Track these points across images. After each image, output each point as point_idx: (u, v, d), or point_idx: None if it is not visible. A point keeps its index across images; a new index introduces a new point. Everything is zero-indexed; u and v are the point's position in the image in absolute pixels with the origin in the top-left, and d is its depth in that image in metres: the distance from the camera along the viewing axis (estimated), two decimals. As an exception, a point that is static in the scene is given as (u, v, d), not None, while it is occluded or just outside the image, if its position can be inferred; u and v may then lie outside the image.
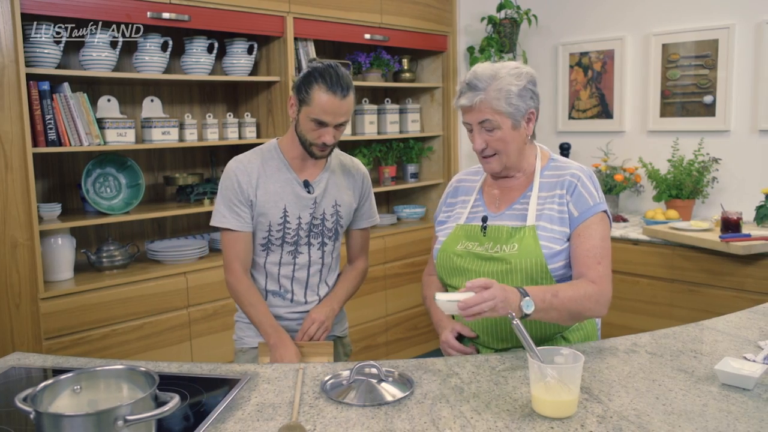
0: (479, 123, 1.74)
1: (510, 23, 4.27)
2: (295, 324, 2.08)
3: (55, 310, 2.77)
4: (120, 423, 1.09)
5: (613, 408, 1.35)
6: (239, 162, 2.02)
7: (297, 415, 1.35)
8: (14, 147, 2.68)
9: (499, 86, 1.71)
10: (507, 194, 1.85)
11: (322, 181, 2.06)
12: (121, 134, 3.07)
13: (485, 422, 1.30)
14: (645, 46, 4.01)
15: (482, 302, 1.48)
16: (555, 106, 4.47)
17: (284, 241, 2.02)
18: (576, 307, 1.63)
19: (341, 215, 2.09)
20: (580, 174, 1.78)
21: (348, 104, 1.91)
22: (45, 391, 1.18)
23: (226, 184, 2.00)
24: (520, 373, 1.56)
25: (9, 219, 2.68)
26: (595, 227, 1.73)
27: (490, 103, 1.71)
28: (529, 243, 1.72)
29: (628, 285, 3.45)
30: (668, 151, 3.86)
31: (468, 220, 1.87)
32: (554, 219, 1.74)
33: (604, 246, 1.73)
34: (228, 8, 3.25)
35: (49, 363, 1.75)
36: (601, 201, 1.76)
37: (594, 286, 1.67)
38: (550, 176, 1.81)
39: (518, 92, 1.72)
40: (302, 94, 1.90)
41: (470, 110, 1.74)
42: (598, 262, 1.70)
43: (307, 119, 1.91)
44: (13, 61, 2.63)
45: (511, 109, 1.72)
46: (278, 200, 1.99)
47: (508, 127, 1.74)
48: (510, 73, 1.73)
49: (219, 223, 1.99)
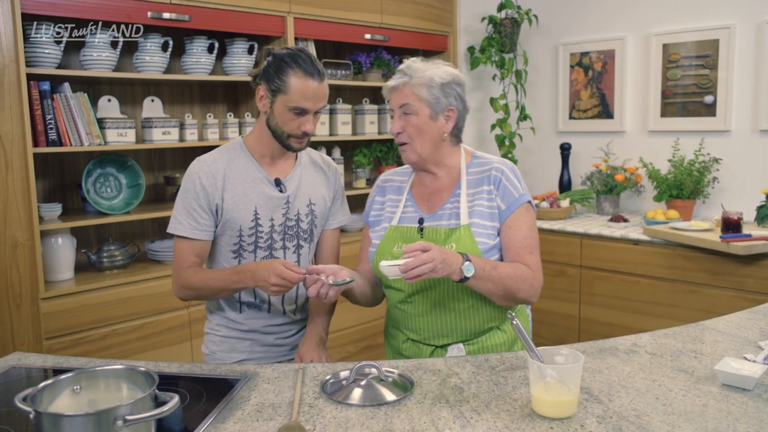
0: (400, 107, 1.79)
1: (510, 23, 4.27)
2: (273, 339, 1.96)
3: (55, 310, 2.77)
4: (119, 423, 1.09)
5: (613, 408, 1.35)
6: (202, 163, 1.87)
7: (297, 415, 1.35)
8: (15, 147, 2.68)
9: (423, 75, 1.76)
10: (436, 195, 1.88)
11: (294, 178, 1.94)
12: (122, 134, 3.07)
13: (485, 422, 1.30)
14: (646, 46, 4.00)
15: (422, 264, 1.54)
16: (555, 106, 4.46)
17: (257, 246, 1.89)
18: (512, 284, 1.69)
19: (316, 215, 1.99)
20: (503, 168, 1.82)
21: (324, 89, 1.84)
22: (45, 391, 1.18)
23: (187, 186, 1.85)
24: (519, 373, 1.56)
25: (9, 219, 2.69)
26: (523, 218, 1.80)
27: (413, 87, 1.76)
28: (466, 242, 1.75)
29: (629, 285, 3.45)
30: (669, 151, 3.85)
31: (402, 221, 1.88)
32: (485, 215, 1.79)
33: (532, 236, 1.80)
34: (228, 8, 3.25)
35: (49, 363, 1.75)
36: (524, 192, 1.82)
37: (530, 271, 1.74)
38: (475, 173, 1.85)
39: (441, 84, 1.77)
40: (276, 83, 1.79)
41: (394, 92, 1.80)
42: (530, 252, 1.77)
43: (285, 109, 1.80)
44: (13, 60, 2.63)
45: (430, 98, 1.76)
46: (248, 202, 1.86)
47: (426, 116, 1.78)
48: (439, 68, 1.80)
49: (174, 230, 1.85)
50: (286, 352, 2.01)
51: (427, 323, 1.83)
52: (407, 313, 1.86)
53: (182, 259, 1.86)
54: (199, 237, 1.85)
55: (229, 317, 1.95)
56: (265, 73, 1.82)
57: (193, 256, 1.87)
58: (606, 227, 3.61)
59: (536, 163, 4.58)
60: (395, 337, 1.94)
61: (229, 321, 1.95)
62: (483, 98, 4.63)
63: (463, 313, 1.81)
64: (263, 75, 1.82)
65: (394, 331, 1.96)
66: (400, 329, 1.92)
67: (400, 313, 1.88)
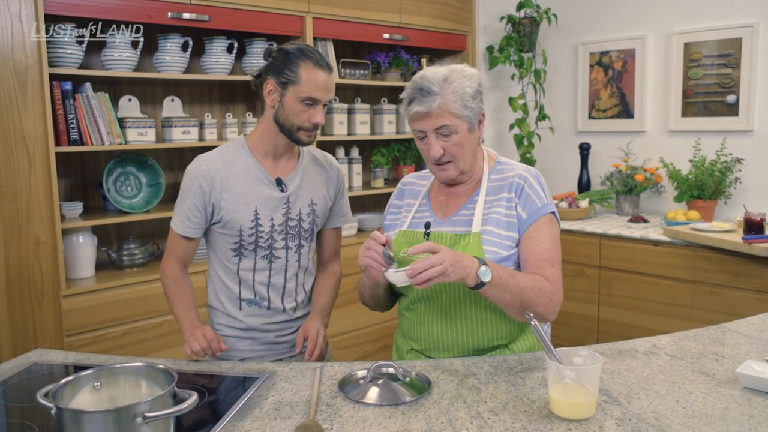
0: (435, 129, 1.65)
1: (529, 22, 4.25)
2: (273, 336, 1.96)
3: (76, 307, 2.80)
4: (139, 419, 1.10)
5: (632, 410, 1.34)
6: (201, 163, 1.88)
7: (314, 413, 1.36)
8: (37, 146, 2.71)
9: (454, 88, 1.63)
10: (454, 200, 1.79)
11: (295, 178, 1.93)
12: (142, 134, 3.10)
13: (502, 423, 1.30)
14: (666, 45, 3.96)
15: (430, 267, 1.43)
16: (575, 105, 4.44)
17: (257, 245, 1.89)
18: (530, 296, 1.56)
19: (317, 214, 1.98)
20: (526, 175, 1.72)
21: (333, 80, 1.84)
22: (66, 387, 1.19)
23: (185, 185, 1.88)
24: (537, 374, 1.55)
25: (32, 217, 2.72)
26: (545, 229, 1.68)
27: (447, 106, 1.63)
28: (473, 251, 1.64)
29: (649, 286, 3.42)
30: (690, 151, 3.81)
31: (411, 226, 1.80)
32: (501, 223, 1.68)
33: (555, 249, 1.68)
34: (247, 8, 3.27)
35: (69, 360, 1.77)
36: (549, 202, 1.71)
37: (550, 285, 1.61)
38: (497, 179, 1.75)
39: (472, 94, 1.66)
40: (286, 75, 1.79)
41: (426, 117, 1.64)
42: (551, 265, 1.65)
43: (296, 100, 1.79)
44: (36, 61, 2.66)
45: (467, 112, 1.65)
46: (248, 202, 1.86)
47: (465, 131, 1.67)
48: (462, 75, 1.66)
49: (172, 224, 1.92)
50: (287, 349, 2.00)
51: (428, 333, 1.74)
52: (410, 320, 1.79)
53: (171, 250, 1.94)
54: (189, 235, 1.90)
55: (230, 314, 1.95)
56: (272, 67, 1.82)
57: (182, 250, 1.94)
58: (626, 228, 3.58)
59: (555, 163, 4.56)
60: (400, 346, 1.86)
61: (229, 318, 1.96)
62: (501, 98, 4.61)
63: (468, 327, 1.71)
64: (270, 69, 1.82)
65: (400, 339, 1.89)
66: (404, 338, 1.85)
67: (404, 320, 1.82)
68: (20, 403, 1.50)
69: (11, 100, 2.64)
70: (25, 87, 2.66)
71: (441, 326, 1.72)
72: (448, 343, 1.72)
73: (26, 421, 1.39)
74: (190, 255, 1.96)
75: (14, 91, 2.64)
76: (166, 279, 1.95)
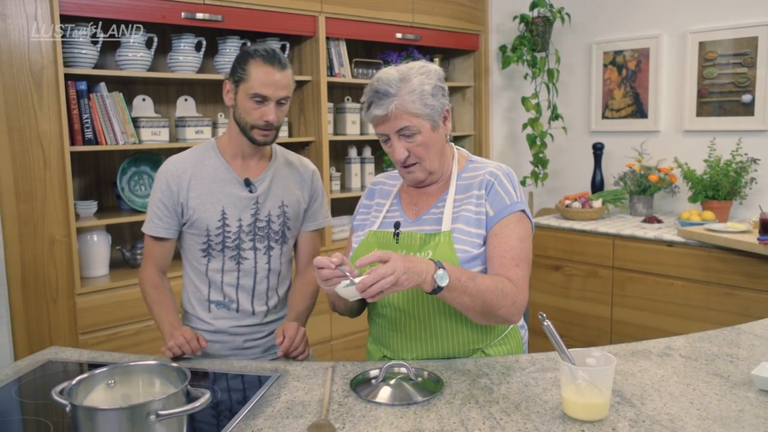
0: (397, 131, 1.60)
1: (543, 22, 4.23)
2: (241, 341, 1.93)
3: (90, 305, 2.82)
4: (152, 417, 1.11)
5: (645, 412, 1.33)
6: (170, 163, 1.91)
7: (326, 413, 1.36)
8: (53, 145, 2.73)
9: (411, 88, 1.58)
10: (425, 199, 1.74)
11: (265, 179, 1.93)
12: (156, 133, 3.12)
13: (515, 424, 1.29)
14: (681, 45, 3.93)
15: (380, 278, 1.33)
16: (588, 105, 4.41)
17: (225, 245, 1.88)
18: (492, 299, 1.49)
19: (288, 216, 1.96)
20: (497, 172, 1.67)
21: (287, 78, 1.82)
22: (80, 384, 1.20)
23: (156, 186, 1.90)
24: (550, 374, 1.54)
25: (47, 216, 2.74)
26: (513, 227, 1.62)
27: (406, 107, 1.57)
28: (444, 250, 1.60)
29: (662, 287, 3.40)
30: (704, 151, 3.78)
31: (381, 226, 1.75)
32: (471, 221, 1.63)
33: (522, 248, 1.61)
34: (261, 8, 3.28)
35: (84, 357, 1.79)
36: (519, 200, 1.65)
37: (513, 286, 1.54)
38: (467, 177, 1.71)
39: (431, 91, 1.61)
40: (238, 74, 1.81)
41: (385, 120, 1.59)
42: (516, 264, 1.58)
43: (246, 98, 1.80)
44: (52, 61, 2.69)
45: (427, 110, 1.60)
46: (215, 202, 1.87)
47: (428, 130, 1.62)
48: (419, 72, 1.61)
49: (143, 228, 1.94)
50: (258, 354, 1.98)
51: (400, 340, 1.68)
52: (380, 326, 1.73)
53: (147, 256, 1.96)
54: (162, 235, 1.91)
55: (199, 316, 1.95)
56: (231, 68, 1.85)
57: (156, 252, 1.94)
58: (639, 228, 3.56)
59: (568, 163, 4.54)
60: (372, 353, 1.79)
61: (199, 321, 1.95)
62: (514, 97, 4.60)
63: (443, 331, 1.65)
64: (230, 71, 1.85)
65: (371, 346, 1.81)
66: (376, 344, 1.78)
67: (375, 326, 1.77)
68: (35, 400, 1.52)
69: (27, 100, 2.66)
70: (40, 87, 2.68)
71: (414, 331, 1.66)
72: (422, 349, 1.67)
73: (41, 418, 1.41)
74: (167, 259, 1.97)
75: (30, 90, 2.66)
76: (146, 286, 1.95)
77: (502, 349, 1.72)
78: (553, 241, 3.85)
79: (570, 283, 3.79)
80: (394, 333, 1.69)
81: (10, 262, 2.67)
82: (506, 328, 1.73)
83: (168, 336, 1.77)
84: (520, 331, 1.78)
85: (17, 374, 1.64)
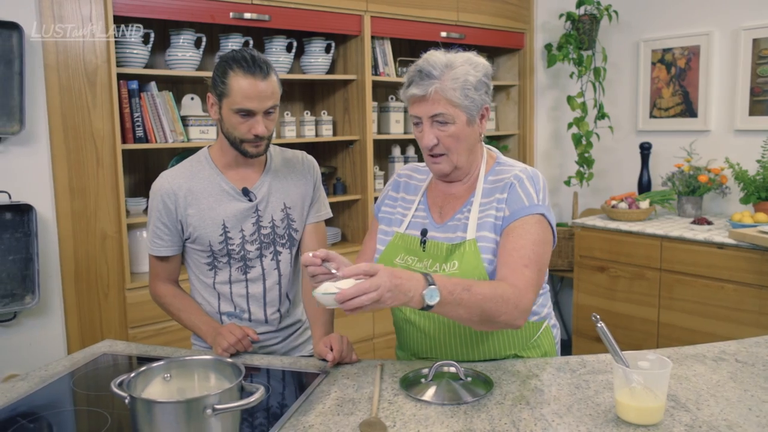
0: (431, 116, 1.54)
1: (589, 19, 4.17)
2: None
3: (139, 300, 2.88)
4: (209, 411, 1.12)
5: (702, 417, 1.30)
6: (164, 180, 1.82)
7: (377, 410, 1.36)
8: (105, 143, 2.80)
9: (455, 75, 1.51)
10: (451, 202, 1.67)
11: (263, 184, 1.85)
12: (204, 131, 3.16)
13: (567, 426, 1.28)
14: (734, 42, 3.84)
15: (361, 293, 1.24)
16: (635, 104, 4.33)
17: (230, 257, 1.83)
18: (490, 307, 1.39)
19: (293, 218, 1.89)
20: (522, 176, 1.60)
21: (271, 85, 1.70)
22: (138, 377, 1.23)
23: (151, 204, 1.84)
24: (601, 377, 1.52)
25: (99, 212, 2.81)
26: (528, 228, 1.53)
27: (446, 93, 1.51)
28: (470, 260, 1.55)
29: (713, 290, 3.32)
30: (757, 151, 3.68)
31: (409, 228, 1.69)
32: (493, 227, 1.57)
33: (535, 250, 1.51)
34: (307, 8, 3.30)
35: (138, 351, 1.83)
36: (540, 203, 1.56)
37: (513, 290, 1.44)
38: (493, 181, 1.63)
39: (475, 83, 1.53)
40: (219, 87, 1.70)
41: (422, 101, 1.53)
42: (525, 265, 1.48)
43: (231, 113, 1.70)
44: (105, 61, 2.75)
45: (467, 102, 1.53)
46: (215, 216, 1.80)
47: (463, 123, 1.55)
48: (467, 62, 1.55)
49: (148, 248, 1.88)
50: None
51: (430, 347, 1.64)
52: (407, 333, 1.69)
53: (154, 273, 1.91)
54: (165, 254, 1.85)
55: None
56: (212, 79, 1.74)
57: (163, 270, 1.89)
58: (688, 230, 3.48)
59: (614, 163, 4.46)
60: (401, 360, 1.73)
61: None
62: (559, 96, 4.54)
63: (472, 338, 1.60)
64: (211, 81, 1.75)
65: (400, 353, 1.78)
66: (404, 350, 1.74)
67: (402, 333, 1.72)
68: (93, 391, 1.56)
69: (81, 99, 2.73)
70: (94, 86, 2.75)
71: (444, 337, 1.62)
72: (455, 356, 1.63)
73: (99, 409, 1.44)
74: (175, 272, 1.92)
75: (84, 90, 2.73)
76: (163, 299, 1.91)
77: (537, 352, 1.70)
78: (599, 242, 3.80)
79: (616, 285, 3.73)
80: (424, 340, 1.65)
81: (64, 257, 2.75)
82: (538, 330, 1.69)
83: (212, 335, 1.76)
84: (552, 330, 1.75)
85: (73, 366, 1.68)
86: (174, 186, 1.81)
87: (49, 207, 2.70)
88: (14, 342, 2.66)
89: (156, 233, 1.84)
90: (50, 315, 2.73)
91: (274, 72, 1.73)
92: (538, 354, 1.70)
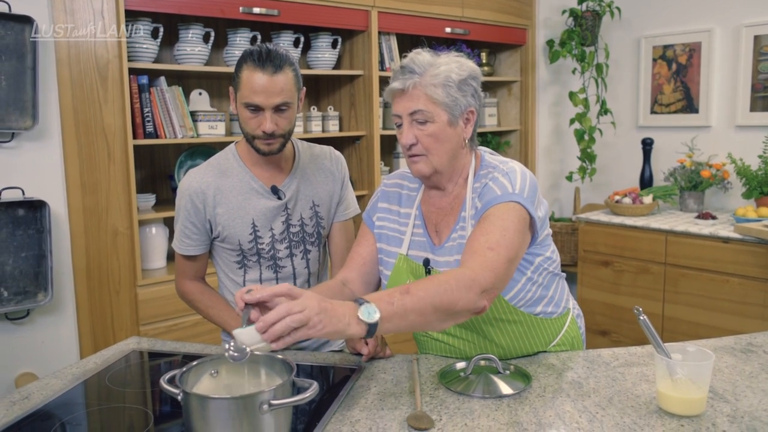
0: (410, 114, 1.48)
1: (592, 16, 4.19)
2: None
3: (150, 297, 2.86)
4: (264, 407, 1.12)
5: (742, 408, 1.32)
6: (192, 179, 1.78)
7: (421, 405, 1.37)
8: (116, 139, 2.78)
9: (437, 71, 1.46)
10: (444, 218, 1.61)
11: (292, 183, 1.83)
12: (212, 127, 3.15)
13: (611, 417, 1.29)
14: (735, 38, 3.87)
15: (285, 315, 1.12)
16: (636, 100, 4.37)
17: (260, 256, 1.81)
18: (442, 299, 1.27)
19: (321, 216, 1.88)
20: (496, 174, 1.52)
21: (282, 81, 1.63)
22: (189, 373, 1.23)
23: (179, 204, 1.80)
24: (636, 369, 1.54)
25: (111, 209, 2.79)
26: (499, 214, 1.43)
27: (426, 89, 1.46)
28: None
29: (718, 284, 3.36)
30: (758, 146, 3.72)
31: (411, 248, 1.62)
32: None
33: (505, 235, 1.39)
34: (315, 3, 3.29)
35: (164, 347, 1.81)
36: (517, 193, 1.46)
37: (466, 272, 1.33)
38: (477, 188, 1.55)
39: (458, 82, 1.48)
40: (235, 80, 1.67)
41: (401, 96, 1.48)
42: (489, 248, 1.37)
43: (242, 107, 1.67)
44: (116, 56, 2.73)
45: (448, 100, 1.47)
46: (244, 215, 1.77)
47: (444, 122, 1.48)
48: (452, 61, 1.50)
49: (174, 246, 1.86)
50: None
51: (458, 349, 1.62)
52: (430, 336, 1.66)
53: (181, 271, 1.89)
54: (192, 253, 1.84)
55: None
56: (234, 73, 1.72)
57: (191, 268, 1.88)
58: (693, 224, 3.52)
59: (616, 159, 4.49)
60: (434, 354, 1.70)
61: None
62: (561, 92, 4.57)
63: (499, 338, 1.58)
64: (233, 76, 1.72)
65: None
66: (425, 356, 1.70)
67: (422, 345, 1.69)
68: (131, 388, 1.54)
69: (93, 94, 2.71)
70: (105, 81, 2.73)
71: (472, 337, 1.60)
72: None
73: (139, 406, 1.44)
74: (202, 270, 1.91)
75: (96, 85, 2.71)
76: (191, 296, 1.89)
77: (563, 346, 1.70)
78: (602, 236, 3.83)
79: (620, 279, 3.77)
80: (452, 340, 1.64)
81: (76, 254, 2.73)
82: (563, 324, 1.69)
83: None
84: (577, 321, 1.74)
85: (105, 363, 1.67)
86: (203, 185, 1.78)
87: (61, 203, 2.67)
88: (27, 340, 2.64)
89: (184, 232, 1.82)
90: (63, 312, 2.71)
91: (291, 68, 1.67)
92: (566, 347, 1.71)
